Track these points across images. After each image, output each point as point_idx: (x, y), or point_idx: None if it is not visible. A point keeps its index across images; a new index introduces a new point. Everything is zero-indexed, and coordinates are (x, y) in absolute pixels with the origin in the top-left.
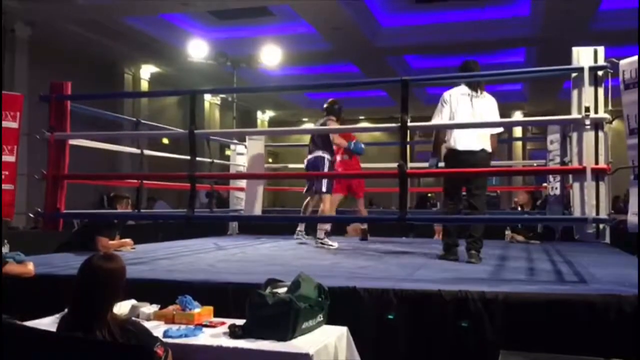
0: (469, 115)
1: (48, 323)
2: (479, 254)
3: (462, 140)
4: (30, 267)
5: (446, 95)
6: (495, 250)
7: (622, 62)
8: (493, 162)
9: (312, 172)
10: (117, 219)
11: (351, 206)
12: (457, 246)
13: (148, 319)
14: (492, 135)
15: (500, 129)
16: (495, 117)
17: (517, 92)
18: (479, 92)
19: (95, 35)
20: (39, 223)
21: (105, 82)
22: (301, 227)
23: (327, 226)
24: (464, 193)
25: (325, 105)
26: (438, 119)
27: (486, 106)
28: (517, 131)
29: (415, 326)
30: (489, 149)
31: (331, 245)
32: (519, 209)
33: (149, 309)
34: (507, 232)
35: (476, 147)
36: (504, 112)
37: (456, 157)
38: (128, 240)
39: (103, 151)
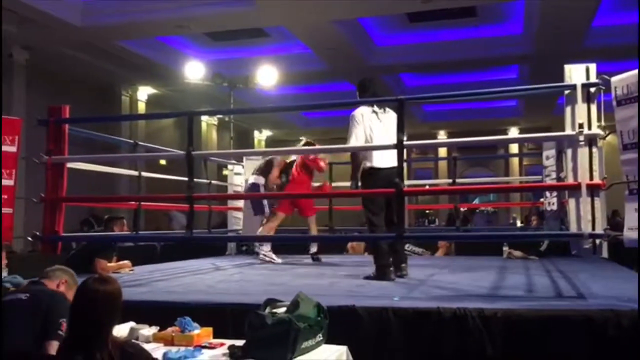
0: (381, 131)
1: None
2: (407, 266)
3: (381, 159)
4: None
5: (357, 114)
6: (493, 266)
7: (614, 78)
8: (491, 179)
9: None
10: (116, 241)
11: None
12: (391, 267)
13: (147, 341)
14: None
15: None
16: None
17: (512, 108)
18: (382, 109)
19: (92, 58)
20: (37, 246)
21: (102, 104)
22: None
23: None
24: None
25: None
26: (354, 139)
27: (392, 122)
28: (514, 147)
29: (415, 344)
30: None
31: (274, 260)
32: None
33: (148, 331)
34: (505, 249)
35: (390, 164)
36: (500, 127)
37: (377, 175)
38: (126, 262)
39: (100, 173)
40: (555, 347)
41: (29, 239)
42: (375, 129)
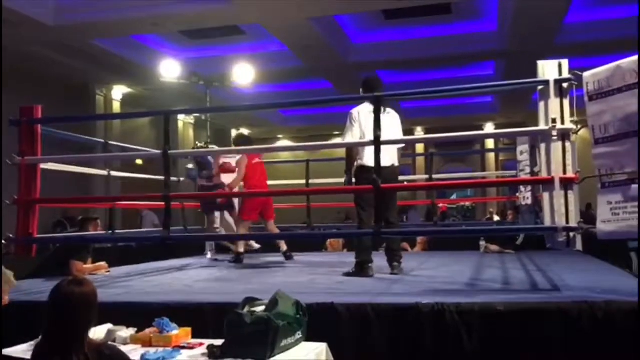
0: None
1: (22, 351)
2: (400, 265)
3: (372, 158)
4: (5, 298)
5: (355, 112)
6: (470, 261)
7: (586, 74)
8: (468, 175)
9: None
10: (92, 242)
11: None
12: (372, 262)
13: (125, 342)
14: (397, 150)
15: (403, 145)
16: (400, 131)
17: (488, 104)
18: (383, 109)
19: (65, 58)
20: (11, 249)
21: (76, 104)
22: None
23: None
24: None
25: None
26: (349, 137)
27: (391, 122)
28: (490, 143)
29: (394, 339)
30: (397, 163)
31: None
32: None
33: (125, 332)
34: (482, 243)
35: (387, 163)
36: (476, 123)
37: (368, 173)
38: (103, 263)
39: (74, 173)
40: (531, 339)
41: (3, 241)
42: (370, 128)
